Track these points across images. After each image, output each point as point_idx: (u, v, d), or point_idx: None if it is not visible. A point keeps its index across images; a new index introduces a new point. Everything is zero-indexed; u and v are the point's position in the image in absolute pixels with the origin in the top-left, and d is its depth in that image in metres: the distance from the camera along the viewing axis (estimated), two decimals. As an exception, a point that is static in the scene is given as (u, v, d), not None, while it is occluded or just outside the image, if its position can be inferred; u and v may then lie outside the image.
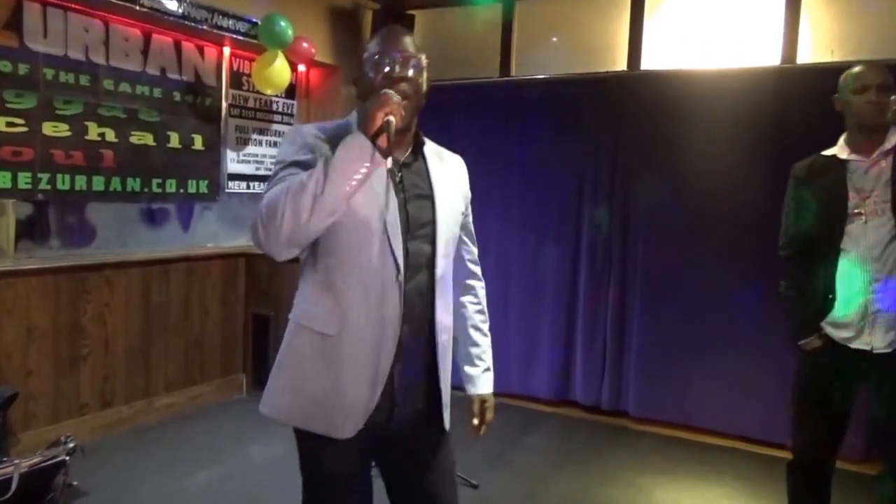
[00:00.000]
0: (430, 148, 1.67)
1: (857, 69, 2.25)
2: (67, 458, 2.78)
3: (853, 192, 2.19)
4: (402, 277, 1.51)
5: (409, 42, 1.54)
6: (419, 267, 1.55)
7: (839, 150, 2.27)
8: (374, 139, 1.35)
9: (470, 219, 1.78)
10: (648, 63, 4.23)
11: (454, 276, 1.72)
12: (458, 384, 1.76)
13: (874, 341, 2.15)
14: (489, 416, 1.77)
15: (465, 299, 1.80)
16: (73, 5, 3.46)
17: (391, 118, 1.36)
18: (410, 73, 1.50)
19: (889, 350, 2.15)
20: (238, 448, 3.55)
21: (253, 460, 3.42)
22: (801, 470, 2.37)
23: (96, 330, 3.60)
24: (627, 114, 4.10)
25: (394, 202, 1.52)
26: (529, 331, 4.37)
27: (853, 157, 2.22)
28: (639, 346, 4.07)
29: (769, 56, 3.93)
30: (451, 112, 4.44)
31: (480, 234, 1.85)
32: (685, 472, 3.49)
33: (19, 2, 3.27)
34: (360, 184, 1.37)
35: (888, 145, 2.18)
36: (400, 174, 1.57)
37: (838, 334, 2.22)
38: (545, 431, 4.00)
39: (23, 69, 3.30)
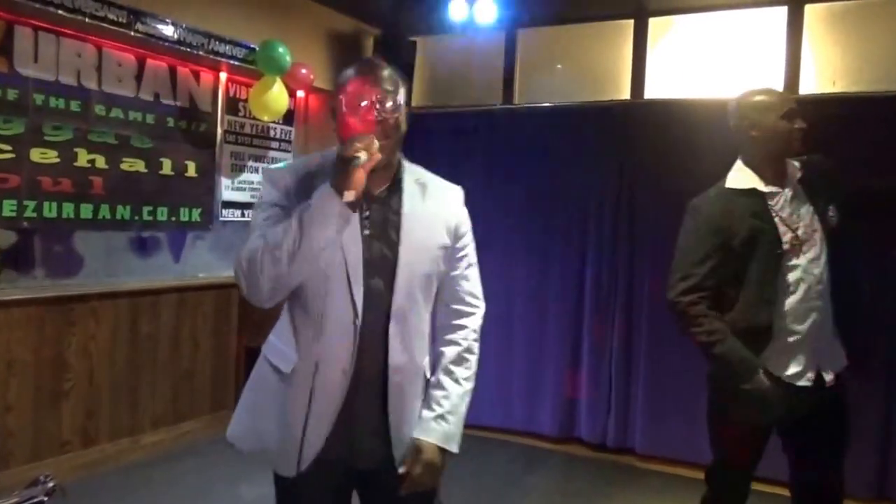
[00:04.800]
0: (414, 181, 1.59)
1: (772, 95, 2.14)
2: (46, 498, 2.63)
3: (782, 224, 2.07)
4: (359, 320, 1.49)
5: (383, 77, 1.48)
6: (378, 306, 1.52)
7: (753, 181, 2.11)
8: (341, 190, 1.37)
9: (464, 253, 1.64)
10: (652, 92, 4.20)
11: (442, 319, 1.64)
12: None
13: (825, 375, 2.08)
14: (416, 470, 1.50)
15: (449, 337, 1.64)
16: (65, 30, 3.39)
17: (360, 155, 1.37)
18: (385, 114, 1.46)
19: (835, 381, 2.10)
20: (228, 488, 3.39)
21: (243, 501, 3.27)
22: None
23: (81, 363, 3.46)
24: (631, 142, 4.04)
25: (357, 242, 1.51)
26: (533, 365, 4.25)
27: (771, 188, 2.10)
28: (645, 381, 3.95)
29: (772, 86, 3.89)
30: (453, 139, 4.38)
31: (484, 263, 1.74)
32: (696, 514, 3.34)
33: (10, 26, 3.20)
34: (334, 235, 1.42)
35: (798, 173, 2.11)
36: (368, 212, 1.53)
37: (784, 372, 2.06)
38: (549, 470, 3.86)
39: (12, 94, 3.22)
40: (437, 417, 1.56)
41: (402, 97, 1.51)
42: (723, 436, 2.19)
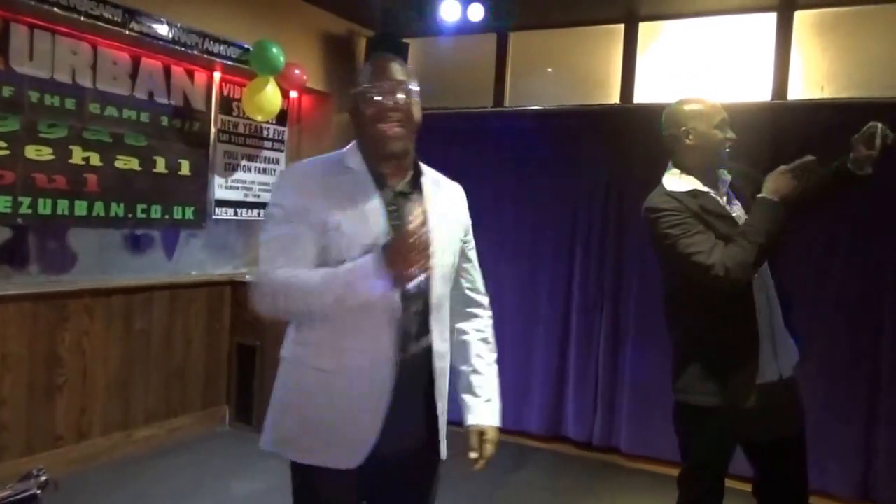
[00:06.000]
0: (429, 176, 1.67)
1: (705, 104, 2.14)
2: (39, 492, 2.65)
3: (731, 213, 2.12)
4: (397, 308, 1.53)
5: (397, 69, 1.56)
6: (415, 296, 1.56)
7: (692, 183, 2.12)
8: (400, 283, 1.45)
9: (471, 246, 1.77)
10: (641, 96, 4.23)
11: (455, 306, 1.72)
12: (455, 419, 1.71)
13: (781, 370, 2.08)
14: (488, 450, 1.67)
15: (467, 326, 1.77)
16: (61, 28, 3.41)
17: (423, 276, 1.47)
18: (401, 100, 1.53)
19: (792, 374, 2.13)
20: (219, 483, 3.42)
21: (234, 496, 3.29)
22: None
23: (74, 359, 3.48)
24: (621, 146, 4.07)
25: (388, 234, 1.53)
26: (521, 364, 4.29)
27: (712, 191, 2.12)
28: (631, 381, 3.99)
29: (760, 92, 3.94)
30: (444, 141, 4.39)
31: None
32: (679, 512, 3.40)
33: (6, 23, 3.23)
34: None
35: (727, 177, 2.15)
36: (394, 205, 1.57)
37: (758, 370, 2.04)
38: (536, 468, 3.91)
39: (7, 91, 3.24)
40: (487, 401, 1.71)
41: (414, 87, 1.57)
42: (697, 442, 2.21)
